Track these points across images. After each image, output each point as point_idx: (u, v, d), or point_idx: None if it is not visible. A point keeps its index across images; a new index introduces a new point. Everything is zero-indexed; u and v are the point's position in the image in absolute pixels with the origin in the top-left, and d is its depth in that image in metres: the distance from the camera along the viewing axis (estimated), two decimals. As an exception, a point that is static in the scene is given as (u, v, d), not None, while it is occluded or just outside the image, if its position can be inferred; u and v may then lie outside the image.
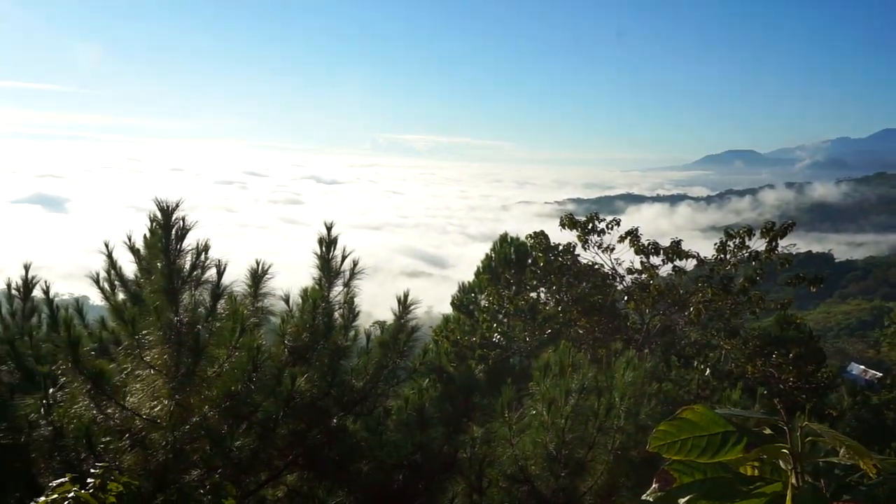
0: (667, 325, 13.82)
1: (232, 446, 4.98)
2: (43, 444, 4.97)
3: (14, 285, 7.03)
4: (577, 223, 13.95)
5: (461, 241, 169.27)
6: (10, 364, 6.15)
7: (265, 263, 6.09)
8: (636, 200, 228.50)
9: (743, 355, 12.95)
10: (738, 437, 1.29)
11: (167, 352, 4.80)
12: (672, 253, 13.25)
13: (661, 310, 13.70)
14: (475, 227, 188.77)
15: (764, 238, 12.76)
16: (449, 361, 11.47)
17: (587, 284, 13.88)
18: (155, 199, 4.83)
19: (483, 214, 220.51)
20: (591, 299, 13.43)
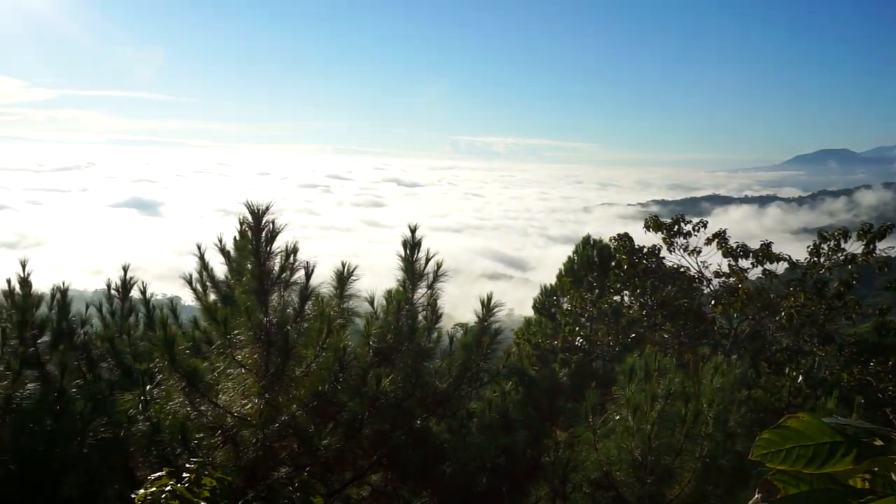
0: (756, 330, 13.41)
1: (319, 445, 5.08)
2: (141, 438, 5.16)
3: (113, 286, 7.30)
4: (663, 225, 13.67)
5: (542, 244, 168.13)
6: (110, 361, 6.40)
7: (351, 265, 6.17)
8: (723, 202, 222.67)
9: (838, 363, 12.45)
10: (847, 448, 1.23)
11: (257, 351, 4.92)
12: (762, 255, 12.85)
13: (751, 314, 13.29)
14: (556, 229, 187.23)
15: (861, 240, 12.26)
16: (530, 365, 11.42)
17: (672, 288, 13.58)
18: (246, 203, 4.96)
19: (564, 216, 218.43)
20: (676, 303, 13.13)
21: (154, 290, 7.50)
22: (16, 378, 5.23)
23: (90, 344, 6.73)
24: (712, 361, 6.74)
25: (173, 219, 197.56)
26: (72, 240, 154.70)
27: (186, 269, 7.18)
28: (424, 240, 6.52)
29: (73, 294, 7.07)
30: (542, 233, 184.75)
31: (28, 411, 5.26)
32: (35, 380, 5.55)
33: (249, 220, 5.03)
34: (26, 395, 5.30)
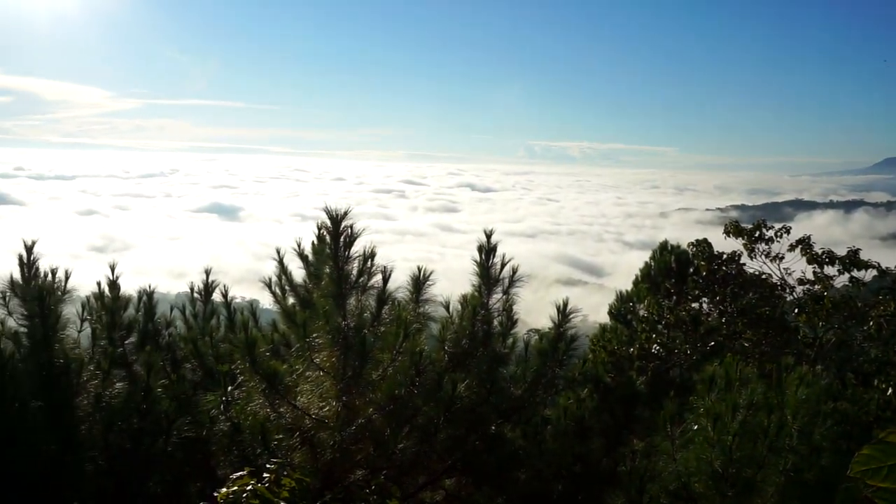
0: (842, 340, 12.91)
1: (394, 449, 5.11)
2: (222, 438, 5.30)
3: (196, 289, 7.51)
4: (743, 231, 13.31)
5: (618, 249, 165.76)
6: (193, 362, 6.59)
7: (426, 270, 6.20)
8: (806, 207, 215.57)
9: (930, 374, 11.90)
10: (956, 466, 1.17)
11: (335, 355, 4.99)
12: (849, 262, 12.37)
13: (836, 323, 12.82)
14: (632, 234, 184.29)
15: (956, 247, 11.70)
16: (605, 372, 11.26)
17: (753, 295, 13.21)
18: (325, 208, 5.04)
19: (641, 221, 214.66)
20: (758, 311, 12.76)
21: (234, 293, 7.68)
22: (105, 377, 5.43)
23: (174, 345, 6.94)
24: (796, 372, 6.52)
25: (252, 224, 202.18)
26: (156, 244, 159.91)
27: (265, 273, 7.32)
28: (499, 245, 6.51)
29: (158, 296, 7.29)
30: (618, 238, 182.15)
31: (116, 409, 5.45)
32: (123, 379, 5.75)
33: (328, 225, 5.11)
34: (115, 393, 5.49)
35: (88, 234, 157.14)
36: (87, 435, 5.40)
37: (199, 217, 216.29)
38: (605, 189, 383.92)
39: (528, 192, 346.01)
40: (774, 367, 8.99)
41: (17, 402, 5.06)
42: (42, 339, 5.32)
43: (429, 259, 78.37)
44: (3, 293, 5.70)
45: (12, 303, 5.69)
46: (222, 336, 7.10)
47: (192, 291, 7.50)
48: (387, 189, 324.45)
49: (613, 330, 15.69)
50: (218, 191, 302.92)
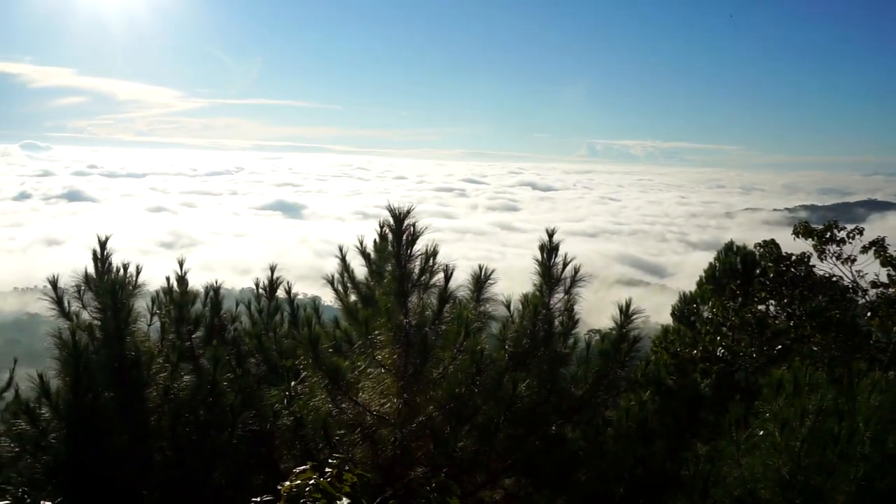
0: (918, 346, 12.47)
1: (454, 447, 5.12)
2: (285, 432, 5.38)
3: (261, 285, 7.64)
4: (813, 231, 12.94)
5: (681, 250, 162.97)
6: (257, 357, 6.70)
7: (487, 269, 6.19)
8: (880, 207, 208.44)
9: None
10: None
11: (397, 352, 5.03)
12: (926, 265, 11.94)
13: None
14: (696, 234, 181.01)
15: None
16: (668, 374, 11.08)
17: (823, 298, 12.84)
18: (388, 207, 5.07)
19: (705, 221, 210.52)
20: (828, 314, 12.41)
21: (296, 289, 7.80)
22: (174, 370, 5.56)
23: (239, 340, 7.06)
24: (869, 377, 6.31)
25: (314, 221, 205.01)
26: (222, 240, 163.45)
27: (327, 270, 7.40)
28: (560, 244, 6.46)
29: (223, 292, 7.44)
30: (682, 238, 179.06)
31: (184, 402, 5.59)
32: (190, 372, 5.89)
33: (390, 223, 5.14)
34: (182, 386, 5.63)
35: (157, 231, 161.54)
36: (155, 426, 5.55)
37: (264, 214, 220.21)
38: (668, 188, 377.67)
39: (590, 191, 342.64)
40: (845, 372, 8.74)
41: (90, 392, 5.23)
42: (114, 332, 5.48)
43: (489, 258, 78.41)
44: (78, 287, 5.88)
45: (87, 296, 5.87)
46: (286, 332, 7.20)
47: (256, 287, 7.63)
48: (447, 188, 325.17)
49: (676, 331, 15.44)
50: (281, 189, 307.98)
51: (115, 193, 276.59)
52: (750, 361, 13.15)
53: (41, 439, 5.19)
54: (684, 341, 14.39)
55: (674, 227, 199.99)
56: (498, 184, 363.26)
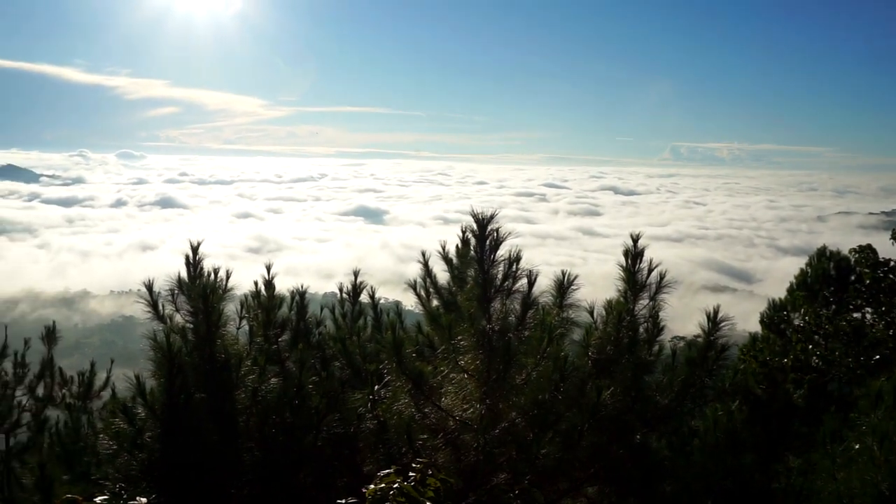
0: None
1: (537, 454, 5.08)
2: (369, 435, 5.45)
3: (345, 290, 7.76)
4: (914, 236, 12.39)
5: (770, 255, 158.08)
6: (342, 361, 6.80)
7: (571, 274, 6.13)
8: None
9: None
10: None
11: (479, 357, 5.03)
12: None
13: None
14: (786, 239, 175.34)
15: None
16: (757, 384, 10.76)
17: (925, 306, 12.26)
18: (472, 212, 5.08)
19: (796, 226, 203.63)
20: (929, 323, 11.84)
21: (378, 294, 7.89)
22: (261, 373, 5.70)
23: (324, 343, 7.19)
24: (976, 390, 5.99)
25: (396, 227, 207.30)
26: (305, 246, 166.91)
27: (408, 275, 7.47)
28: (645, 249, 6.36)
29: (308, 296, 7.58)
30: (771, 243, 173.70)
31: (271, 404, 5.72)
32: (277, 375, 6.02)
33: (473, 229, 5.15)
34: (270, 388, 5.76)
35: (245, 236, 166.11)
36: (244, 427, 5.69)
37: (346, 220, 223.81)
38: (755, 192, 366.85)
39: (674, 195, 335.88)
40: (949, 384, 8.30)
41: (183, 393, 5.40)
42: (206, 335, 5.65)
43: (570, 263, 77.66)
44: (171, 291, 6.09)
45: (180, 300, 6.07)
46: (369, 336, 7.30)
47: (340, 292, 7.75)
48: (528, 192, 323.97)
49: (765, 339, 14.97)
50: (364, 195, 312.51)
51: (205, 200, 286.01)
52: (845, 371, 12.65)
53: (137, 438, 5.38)
54: (774, 350, 13.95)
55: (762, 231, 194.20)
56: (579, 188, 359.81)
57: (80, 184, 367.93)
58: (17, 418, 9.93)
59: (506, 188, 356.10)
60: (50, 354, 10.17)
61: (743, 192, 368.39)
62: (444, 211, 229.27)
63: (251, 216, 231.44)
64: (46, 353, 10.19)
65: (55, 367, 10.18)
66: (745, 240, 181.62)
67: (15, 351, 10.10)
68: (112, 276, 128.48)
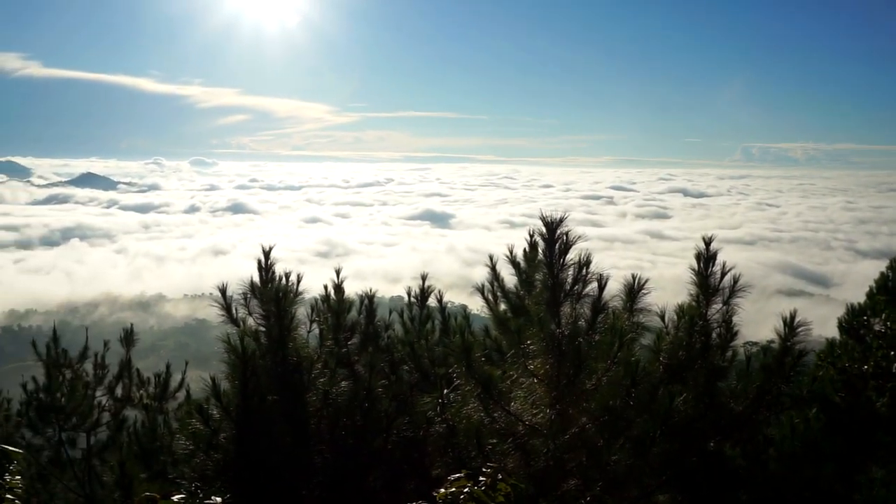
0: None
1: (608, 460, 5.02)
2: (438, 439, 5.45)
3: (412, 294, 7.80)
4: None
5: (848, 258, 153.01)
6: (410, 364, 6.84)
7: (641, 278, 6.04)
8: None
9: None
10: None
11: (549, 362, 4.99)
12: None
13: None
14: (866, 241, 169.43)
15: None
16: (835, 391, 10.40)
17: None
18: (541, 216, 5.06)
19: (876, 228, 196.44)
20: None
21: (445, 298, 7.92)
22: (332, 376, 5.77)
23: (392, 347, 7.24)
24: None
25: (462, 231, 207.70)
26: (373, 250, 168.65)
27: (474, 279, 7.46)
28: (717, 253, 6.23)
29: (376, 300, 7.65)
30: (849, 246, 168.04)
31: (342, 406, 5.78)
32: (347, 378, 6.09)
33: (542, 232, 5.12)
34: (340, 391, 5.83)
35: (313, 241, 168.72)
36: (315, 429, 5.77)
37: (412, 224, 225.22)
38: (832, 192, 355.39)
39: (745, 196, 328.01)
40: None
41: (256, 395, 5.50)
42: (278, 338, 5.75)
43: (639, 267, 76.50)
44: (244, 294, 6.22)
45: (252, 303, 6.20)
46: (437, 340, 7.32)
47: (408, 296, 7.79)
48: (595, 195, 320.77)
49: (843, 345, 14.46)
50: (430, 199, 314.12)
51: (275, 205, 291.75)
52: (930, 379, 12.13)
53: (213, 438, 5.51)
54: (853, 356, 13.47)
55: (840, 233, 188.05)
56: (647, 191, 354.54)
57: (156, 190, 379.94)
58: (97, 418, 10.25)
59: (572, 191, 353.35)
60: (128, 356, 10.47)
61: (819, 193, 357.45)
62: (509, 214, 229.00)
63: (319, 221, 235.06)
64: (125, 355, 10.49)
65: (133, 369, 10.47)
66: (821, 242, 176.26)
67: (95, 352, 10.43)
68: (186, 281, 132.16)
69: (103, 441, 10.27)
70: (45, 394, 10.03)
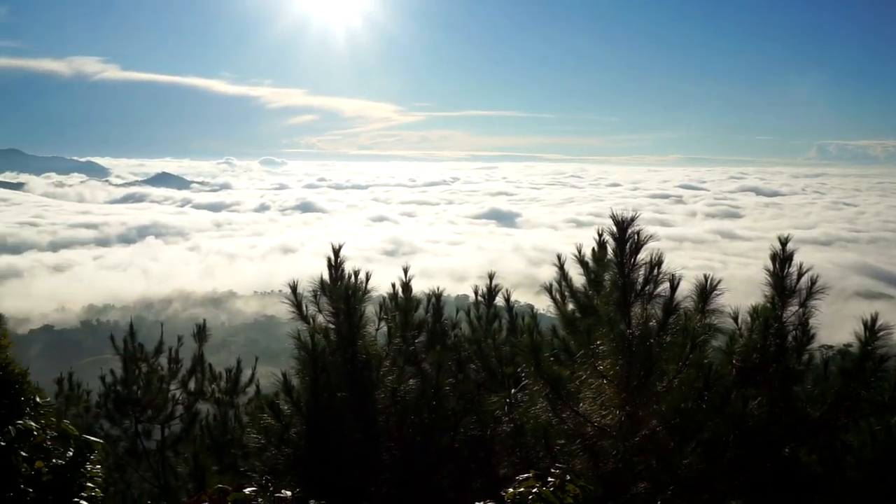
0: None
1: (679, 464, 4.93)
2: (505, 438, 5.45)
3: (479, 292, 7.80)
4: None
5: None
6: (477, 363, 6.85)
7: (713, 279, 5.92)
8: None
9: None
10: None
11: (619, 363, 4.93)
12: None
13: None
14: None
15: None
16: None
17: None
18: (611, 215, 5.00)
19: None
20: None
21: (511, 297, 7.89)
22: (400, 374, 5.82)
23: (460, 346, 7.25)
24: None
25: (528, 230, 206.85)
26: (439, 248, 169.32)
27: (540, 279, 7.41)
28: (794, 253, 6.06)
29: (442, 299, 7.67)
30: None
31: (410, 404, 5.83)
32: (414, 376, 6.12)
33: (612, 231, 5.06)
34: (408, 389, 5.87)
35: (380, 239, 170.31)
36: (384, 426, 5.82)
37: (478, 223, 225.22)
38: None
39: (821, 195, 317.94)
40: None
41: (327, 391, 5.58)
42: (348, 336, 5.82)
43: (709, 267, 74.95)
44: (314, 292, 6.30)
45: (322, 300, 6.28)
46: (504, 339, 7.30)
47: (475, 294, 7.80)
48: (663, 194, 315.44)
49: (927, 350, 13.89)
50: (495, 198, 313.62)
51: (342, 204, 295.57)
52: None
53: (284, 433, 5.61)
54: (938, 361, 12.95)
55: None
56: (718, 190, 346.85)
57: (227, 189, 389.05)
58: (171, 410, 10.56)
59: (640, 190, 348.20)
60: (200, 351, 10.74)
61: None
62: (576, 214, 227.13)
63: (386, 220, 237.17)
64: (197, 350, 10.77)
65: (205, 364, 10.74)
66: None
67: (169, 347, 10.73)
68: (255, 278, 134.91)
69: (177, 433, 10.56)
70: (122, 386, 10.37)
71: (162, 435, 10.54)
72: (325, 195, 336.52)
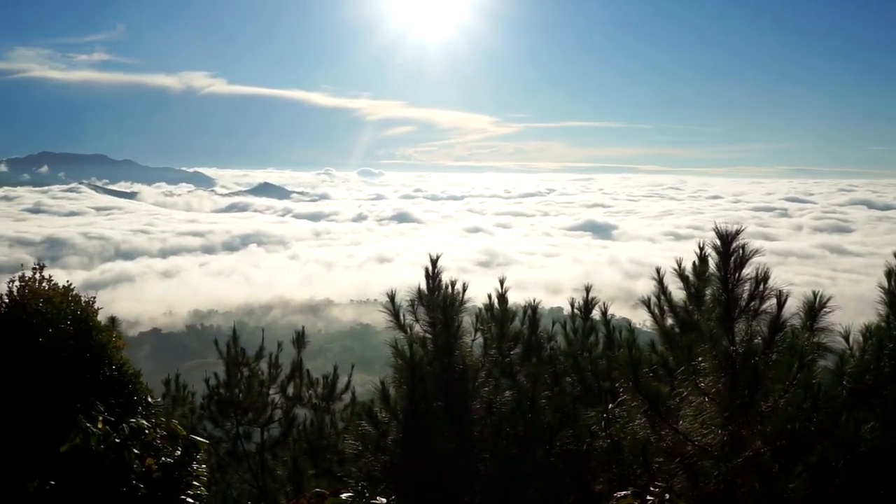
0: None
1: (785, 488, 4.74)
2: (601, 454, 5.36)
3: (575, 305, 7.72)
4: None
5: None
6: (573, 377, 6.78)
7: (822, 296, 5.67)
8: None
9: None
10: None
11: (721, 381, 4.79)
12: None
13: None
14: None
15: None
16: None
17: None
18: (715, 228, 4.87)
19: None
20: None
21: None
22: (496, 385, 5.81)
23: (555, 358, 7.20)
24: None
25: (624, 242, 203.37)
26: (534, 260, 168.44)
27: (637, 292, 7.27)
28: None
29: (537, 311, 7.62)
30: None
31: (505, 416, 5.81)
32: (509, 388, 6.11)
33: (715, 244, 4.92)
34: (503, 401, 5.86)
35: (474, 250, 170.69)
36: (479, 437, 5.82)
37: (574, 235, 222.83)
38: None
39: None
40: None
41: (423, 401, 5.63)
42: (444, 346, 5.86)
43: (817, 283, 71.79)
44: (411, 302, 6.37)
45: (419, 310, 6.34)
46: (600, 353, 7.20)
47: (571, 307, 7.72)
48: (767, 207, 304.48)
49: None
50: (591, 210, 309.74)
51: (437, 215, 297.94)
52: None
53: (380, 441, 5.68)
54: None
55: None
56: (826, 203, 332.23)
57: (326, 199, 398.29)
58: (270, 414, 10.83)
59: (742, 203, 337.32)
60: (299, 357, 10.99)
61: None
62: (674, 226, 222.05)
63: (481, 231, 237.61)
64: (296, 356, 11.01)
65: (303, 370, 10.97)
66: None
67: (269, 352, 11.02)
68: (352, 287, 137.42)
69: (275, 437, 10.82)
70: (224, 389, 10.71)
71: (262, 437, 10.82)
72: (421, 206, 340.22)
